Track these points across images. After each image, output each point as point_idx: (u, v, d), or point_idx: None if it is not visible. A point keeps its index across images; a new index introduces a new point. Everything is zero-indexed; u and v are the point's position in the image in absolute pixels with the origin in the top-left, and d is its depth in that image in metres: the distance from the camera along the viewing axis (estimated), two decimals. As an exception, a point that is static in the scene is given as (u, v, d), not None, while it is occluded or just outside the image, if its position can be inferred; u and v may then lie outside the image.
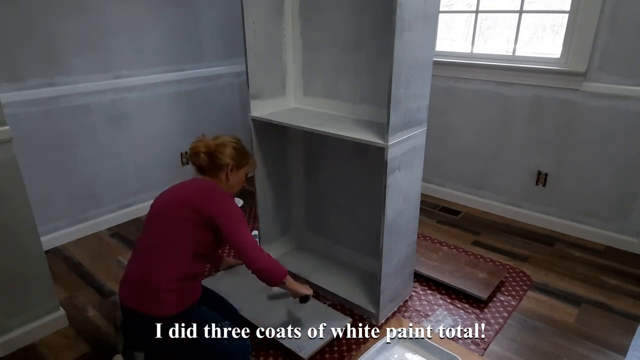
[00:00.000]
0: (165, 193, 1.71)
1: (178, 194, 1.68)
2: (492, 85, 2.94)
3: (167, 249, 1.58)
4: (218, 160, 1.73)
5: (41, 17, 2.42)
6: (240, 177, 1.82)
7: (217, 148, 1.73)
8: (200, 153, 1.72)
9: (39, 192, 2.58)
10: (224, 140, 1.77)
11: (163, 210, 1.64)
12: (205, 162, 1.73)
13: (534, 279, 2.43)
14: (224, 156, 1.73)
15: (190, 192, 1.67)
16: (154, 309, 1.55)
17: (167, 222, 1.60)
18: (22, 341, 1.96)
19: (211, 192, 1.67)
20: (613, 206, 2.68)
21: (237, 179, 1.81)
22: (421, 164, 2.02)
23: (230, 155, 1.74)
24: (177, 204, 1.63)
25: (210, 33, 3.27)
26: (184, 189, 1.70)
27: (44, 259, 1.95)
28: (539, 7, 2.92)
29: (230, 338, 1.64)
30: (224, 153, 1.73)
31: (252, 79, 2.13)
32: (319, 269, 2.39)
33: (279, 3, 2.15)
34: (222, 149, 1.73)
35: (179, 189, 1.71)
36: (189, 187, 1.70)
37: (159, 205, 1.67)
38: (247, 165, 1.83)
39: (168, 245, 1.58)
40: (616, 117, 2.54)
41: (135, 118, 2.98)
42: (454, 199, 3.36)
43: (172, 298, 1.56)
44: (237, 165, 1.77)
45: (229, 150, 1.74)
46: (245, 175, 1.84)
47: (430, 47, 1.82)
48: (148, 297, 1.55)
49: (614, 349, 1.94)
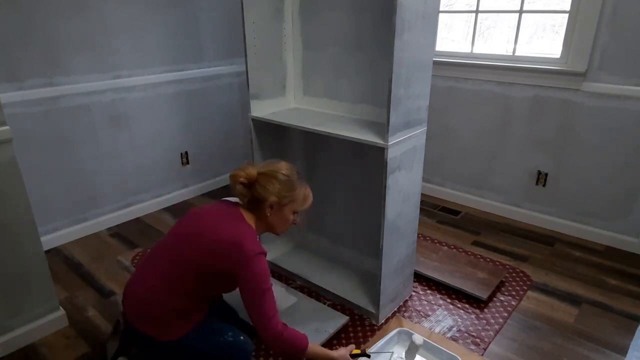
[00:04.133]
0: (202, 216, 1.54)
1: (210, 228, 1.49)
2: (492, 85, 2.94)
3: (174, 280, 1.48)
4: (256, 194, 1.51)
5: (41, 17, 2.43)
6: (285, 215, 1.56)
7: (258, 179, 1.51)
8: (238, 183, 1.51)
9: (39, 192, 2.58)
10: (271, 169, 1.53)
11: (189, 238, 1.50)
12: (244, 194, 1.53)
13: (534, 279, 2.43)
14: (263, 190, 1.50)
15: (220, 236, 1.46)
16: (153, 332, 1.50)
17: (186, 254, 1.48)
18: (22, 341, 1.96)
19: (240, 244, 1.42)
20: (613, 206, 2.68)
21: (280, 218, 1.57)
22: (421, 164, 2.02)
23: (271, 190, 1.50)
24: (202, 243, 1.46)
25: (210, 33, 3.27)
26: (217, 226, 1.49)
27: (44, 259, 1.95)
28: (539, 7, 2.92)
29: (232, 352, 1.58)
30: (264, 186, 1.50)
31: (252, 79, 2.13)
32: (319, 269, 2.39)
33: (279, 3, 2.15)
34: (263, 181, 1.51)
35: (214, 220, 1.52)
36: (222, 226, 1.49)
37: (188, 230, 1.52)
38: (292, 203, 1.55)
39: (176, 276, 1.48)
40: (616, 117, 2.54)
41: (135, 118, 2.98)
42: (454, 199, 3.36)
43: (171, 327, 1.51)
44: (278, 203, 1.52)
45: (270, 183, 1.50)
46: (292, 213, 1.58)
47: (430, 47, 1.82)
48: (149, 319, 1.51)
49: (614, 349, 1.94)
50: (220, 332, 1.59)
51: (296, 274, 2.37)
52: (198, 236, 1.50)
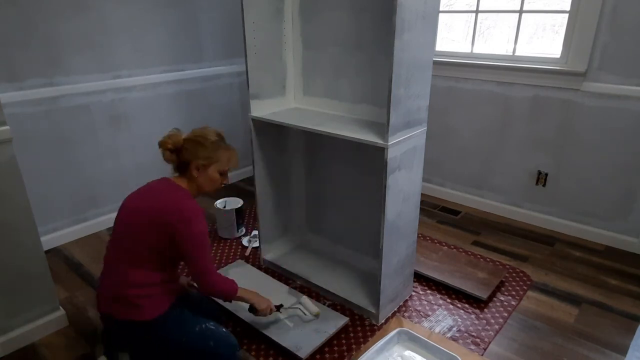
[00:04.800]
0: (134, 198, 1.63)
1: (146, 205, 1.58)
2: (492, 85, 2.94)
3: (134, 257, 1.54)
4: (183, 158, 1.62)
5: (41, 17, 2.42)
6: (211, 175, 1.65)
7: (184, 144, 1.62)
8: (166, 150, 1.62)
9: (39, 192, 2.58)
10: (195, 134, 1.65)
11: (130, 218, 1.58)
12: (172, 160, 1.64)
13: (534, 279, 2.43)
14: (188, 153, 1.61)
15: (158, 204, 1.56)
16: (130, 315, 1.53)
17: (133, 231, 1.55)
18: (22, 341, 1.96)
19: (176, 207, 1.54)
20: (613, 206, 2.68)
21: (208, 178, 1.65)
22: (421, 164, 2.02)
23: (195, 152, 1.61)
24: (143, 216, 1.55)
25: (210, 33, 3.27)
26: (152, 199, 1.60)
27: (44, 259, 1.95)
28: (539, 7, 2.92)
29: (216, 339, 1.62)
30: (189, 150, 1.61)
31: (252, 79, 2.13)
32: (319, 269, 2.39)
33: (279, 3, 2.15)
34: (188, 145, 1.62)
35: (147, 196, 1.61)
36: (157, 197, 1.59)
37: (127, 212, 1.61)
38: (216, 162, 1.65)
39: (135, 253, 1.54)
40: (616, 117, 2.54)
41: (135, 118, 2.98)
42: (454, 199, 3.36)
43: (146, 304, 1.54)
44: (203, 164, 1.62)
45: (194, 146, 1.62)
46: (218, 173, 1.67)
47: (430, 47, 1.82)
48: (122, 303, 1.53)
49: (614, 349, 1.94)
50: (201, 321, 1.65)
51: (296, 274, 2.37)
52: (139, 211, 1.58)
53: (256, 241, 2.73)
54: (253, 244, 2.74)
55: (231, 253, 2.68)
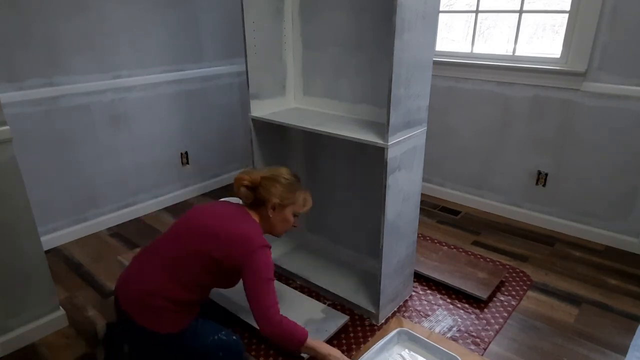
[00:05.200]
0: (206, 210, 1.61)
1: (216, 222, 1.55)
2: (492, 85, 2.94)
3: (179, 273, 1.52)
4: (260, 196, 1.61)
5: (41, 17, 2.42)
6: (286, 216, 1.66)
7: (262, 182, 1.62)
8: (242, 187, 1.61)
9: (39, 192, 2.58)
10: (273, 173, 1.64)
11: (195, 230, 1.55)
12: (247, 197, 1.63)
13: (534, 279, 2.43)
14: (266, 192, 1.60)
15: (227, 229, 1.53)
16: (149, 323, 1.51)
17: (192, 245, 1.52)
18: (22, 341, 1.95)
19: (248, 236, 1.52)
20: (613, 206, 2.68)
21: (281, 219, 1.66)
22: (421, 164, 2.02)
23: (274, 192, 1.60)
24: (209, 235, 1.52)
25: (210, 33, 3.27)
26: (224, 219, 1.57)
27: (44, 259, 1.95)
28: (539, 7, 2.92)
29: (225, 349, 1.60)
30: (267, 188, 1.60)
31: (252, 79, 2.13)
32: (319, 269, 2.39)
33: (279, 3, 2.15)
34: (266, 184, 1.61)
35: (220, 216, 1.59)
36: (229, 220, 1.57)
37: (193, 223, 1.57)
38: (292, 205, 1.66)
39: (183, 268, 1.52)
40: (616, 117, 2.54)
41: (135, 118, 2.98)
42: (454, 199, 3.36)
43: (171, 318, 1.53)
44: (280, 204, 1.63)
45: (273, 186, 1.61)
46: (292, 214, 1.69)
47: (430, 47, 1.82)
48: (149, 311, 1.52)
49: (614, 349, 1.94)
50: (214, 331, 1.63)
51: (296, 274, 2.37)
52: (206, 228, 1.55)
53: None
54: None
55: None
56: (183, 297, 1.53)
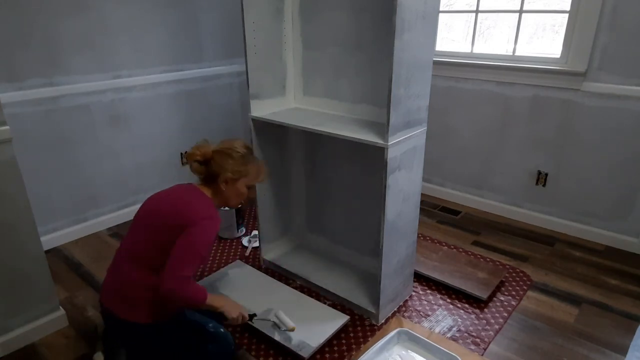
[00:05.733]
0: (156, 199, 1.63)
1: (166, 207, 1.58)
2: (492, 85, 2.94)
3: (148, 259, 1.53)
4: (212, 170, 1.62)
5: (41, 17, 2.42)
6: (239, 189, 1.66)
7: (214, 156, 1.62)
8: (194, 162, 1.62)
9: (39, 192, 2.58)
10: (225, 146, 1.65)
11: (148, 219, 1.59)
12: (200, 171, 1.64)
13: (534, 279, 2.43)
14: (217, 166, 1.61)
15: (177, 206, 1.56)
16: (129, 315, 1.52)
17: (150, 233, 1.55)
18: (22, 341, 1.96)
19: (194, 209, 1.53)
20: (613, 206, 2.68)
21: (235, 192, 1.66)
22: (421, 164, 2.02)
23: (225, 166, 1.61)
24: (161, 218, 1.54)
25: (210, 33, 3.27)
26: (174, 201, 1.59)
27: (44, 259, 1.95)
28: (539, 7, 2.92)
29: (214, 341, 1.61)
30: (218, 162, 1.61)
31: (252, 79, 2.13)
32: (319, 269, 2.39)
33: (279, 3, 2.15)
34: (217, 157, 1.62)
35: (171, 198, 1.61)
36: (180, 199, 1.59)
37: (146, 213, 1.61)
38: (245, 177, 1.66)
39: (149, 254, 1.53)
40: (616, 117, 2.54)
41: (135, 118, 2.98)
42: (454, 199, 3.36)
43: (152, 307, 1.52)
44: (232, 177, 1.63)
45: (224, 159, 1.61)
46: (245, 187, 1.69)
47: (430, 47, 1.82)
48: (124, 302, 1.52)
49: (614, 349, 1.94)
50: (201, 322, 1.64)
51: (296, 274, 2.37)
52: (160, 210, 1.58)
53: (256, 241, 2.73)
54: (253, 244, 2.74)
55: (231, 253, 2.68)
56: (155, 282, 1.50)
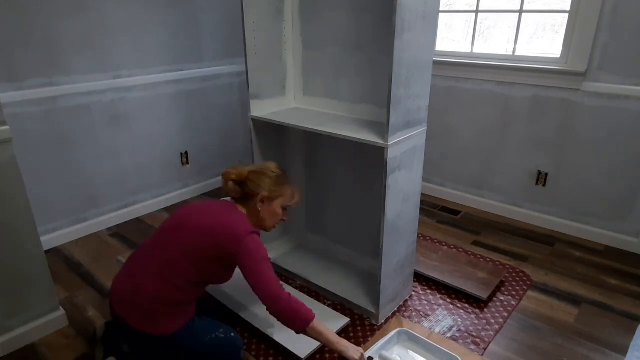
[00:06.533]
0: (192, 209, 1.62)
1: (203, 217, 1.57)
2: (492, 85, 2.94)
3: (170, 271, 1.51)
4: (248, 190, 1.62)
5: (41, 17, 2.42)
6: (274, 209, 1.66)
7: (249, 176, 1.63)
8: (230, 181, 1.62)
9: (39, 192, 2.58)
10: (261, 167, 1.66)
11: (182, 227, 1.55)
12: (235, 191, 1.64)
13: (534, 279, 2.43)
14: (254, 185, 1.61)
15: (215, 220, 1.55)
16: (144, 326, 1.51)
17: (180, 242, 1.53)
18: (22, 341, 1.95)
19: (235, 225, 1.53)
20: (613, 206, 2.68)
21: (270, 212, 1.66)
22: (421, 164, 2.02)
23: (262, 185, 1.62)
24: (197, 229, 1.53)
25: (210, 33, 3.27)
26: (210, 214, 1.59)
27: (44, 259, 1.95)
28: (539, 7, 2.92)
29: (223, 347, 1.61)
30: (255, 182, 1.62)
31: (252, 79, 2.13)
32: (319, 269, 2.39)
33: (279, 3, 2.15)
34: (254, 177, 1.63)
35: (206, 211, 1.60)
36: (215, 213, 1.59)
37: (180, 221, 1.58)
38: (281, 197, 1.67)
39: (172, 267, 1.51)
40: (616, 117, 2.54)
41: (135, 118, 2.98)
42: (454, 199, 3.36)
43: (165, 320, 1.52)
44: (268, 197, 1.64)
45: (261, 179, 1.63)
46: (281, 208, 1.69)
47: (430, 47, 1.82)
48: (142, 314, 1.51)
49: (614, 349, 1.94)
50: (212, 329, 1.63)
51: (296, 274, 2.37)
52: (191, 224, 1.56)
53: (256, 241, 2.73)
54: (253, 244, 2.74)
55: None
56: (174, 297, 1.52)
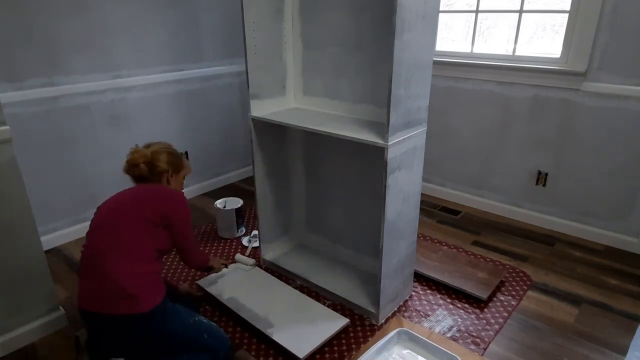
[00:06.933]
0: (112, 201, 1.71)
1: (132, 198, 1.70)
2: (492, 85, 2.94)
3: (128, 249, 1.59)
4: (158, 168, 1.78)
5: (41, 17, 2.42)
6: (180, 180, 1.90)
7: (154, 156, 1.78)
8: (140, 164, 1.75)
9: (39, 192, 2.58)
10: (158, 147, 1.83)
11: (117, 214, 1.65)
12: (146, 171, 1.77)
13: (534, 279, 2.43)
14: (162, 163, 1.79)
15: (147, 195, 1.72)
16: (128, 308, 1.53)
17: (125, 224, 1.61)
18: (21, 341, 1.96)
19: (168, 193, 1.74)
20: (613, 206, 2.68)
21: (178, 183, 1.88)
22: (421, 164, 2.02)
23: (168, 161, 1.81)
24: (136, 205, 1.66)
25: (210, 33, 3.27)
26: (137, 194, 1.73)
27: (44, 259, 1.95)
28: (539, 6, 2.92)
29: (209, 332, 1.69)
30: (161, 160, 1.79)
31: (252, 79, 2.13)
32: (319, 269, 2.39)
33: (279, 3, 2.15)
34: (158, 157, 1.79)
35: (129, 195, 1.72)
36: (142, 191, 1.74)
37: (110, 211, 1.67)
38: (184, 169, 1.90)
39: (128, 245, 1.59)
40: (616, 117, 2.54)
41: (135, 118, 2.98)
42: (454, 199, 3.36)
43: (142, 294, 1.55)
44: (175, 170, 1.84)
45: (165, 156, 1.81)
46: (183, 178, 1.91)
47: (430, 47, 1.82)
48: (118, 297, 1.53)
49: (614, 349, 1.94)
50: (194, 314, 1.72)
51: (296, 274, 2.37)
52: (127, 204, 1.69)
53: (256, 241, 2.73)
54: (253, 244, 2.74)
55: (231, 253, 2.68)
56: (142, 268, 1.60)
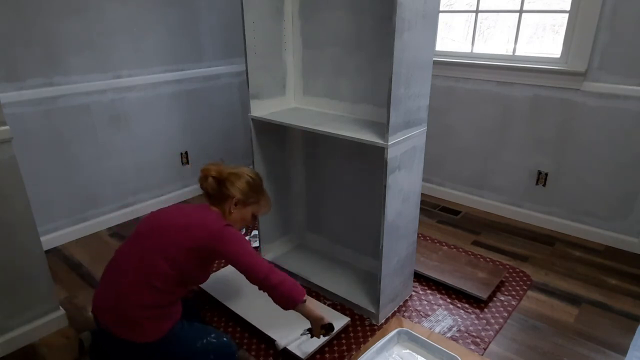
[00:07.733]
0: (164, 212, 1.62)
1: (177, 218, 1.57)
2: (492, 85, 2.94)
3: (149, 275, 1.49)
4: (226, 190, 1.65)
5: (41, 17, 2.42)
6: (245, 214, 1.71)
7: (229, 177, 1.66)
8: (210, 177, 1.65)
9: (39, 192, 2.58)
10: (241, 171, 1.69)
11: (157, 230, 1.55)
12: (213, 188, 1.66)
13: (534, 279, 2.43)
14: (234, 188, 1.65)
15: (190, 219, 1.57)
16: (130, 335, 1.48)
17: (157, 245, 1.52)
18: (22, 341, 1.96)
19: (211, 221, 1.56)
20: (613, 206, 2.68)
21: (241, 216, 1.70)
22: (421, 164, 2.02)
23: (241, 189, 1.66)
24: (174, 230, 1.53)
25: (210, 33, 3.27)
26: (184, 214, 1.60)
27: (44, 259, 1.95)
28: (539, 6, 2.92)
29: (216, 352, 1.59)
30: (236, 184, 1.65)
31: (252, 78, 2.13)
32: (319, 269, 2.39)
33: (279, 3, 2.15)
34: (233, 179, 1.66)
35: (180, 211, 1.62)
36: (189, 213, 1.61)
37: (154, 224, 1.58)
38: (255, 204, 1.73)
39: (151, 270, 1.49)
40: (616, 117, 2.54)
41: (135, 118, 2.98)
42: (454, 199, 3.36)
43: (150, 325, 1.49)
44: (244, 202, 1.68)
45: (241, 183, 1.66)
46: (251, 214, 1.74)
47: (430, 47, 1.82)
48: (126, 322, 1.49)
49: (614, 349, 1.94)
50: (203, 335, 1.61)
51: (296, 274, 2.37)
52: (169, 225, 1.55)
53: (256, 241, 2.73)
54: (253, 244, 2.74)
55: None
56: (156, 300, 1.50)
